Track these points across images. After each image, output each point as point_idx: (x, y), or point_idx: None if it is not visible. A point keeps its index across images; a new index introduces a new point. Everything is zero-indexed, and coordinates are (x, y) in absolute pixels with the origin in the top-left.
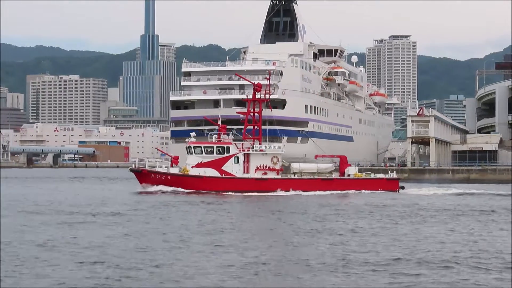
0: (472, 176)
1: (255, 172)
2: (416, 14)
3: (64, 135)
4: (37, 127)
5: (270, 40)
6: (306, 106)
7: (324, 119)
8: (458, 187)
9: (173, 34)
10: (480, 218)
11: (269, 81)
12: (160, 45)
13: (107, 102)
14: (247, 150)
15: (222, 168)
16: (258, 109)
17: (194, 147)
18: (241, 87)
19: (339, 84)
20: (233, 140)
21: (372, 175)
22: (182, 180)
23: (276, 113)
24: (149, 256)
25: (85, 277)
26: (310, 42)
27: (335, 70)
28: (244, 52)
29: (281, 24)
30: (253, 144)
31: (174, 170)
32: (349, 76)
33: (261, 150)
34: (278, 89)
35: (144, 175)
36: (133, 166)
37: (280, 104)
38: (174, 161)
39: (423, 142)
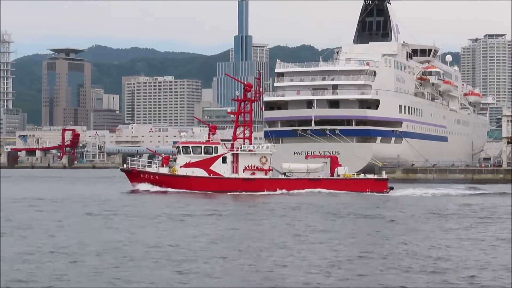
0: None
1: (244, 172)
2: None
3: (158, 136)
4: (132, 128)
5: (363, 40)
6: (400, 106)
7: (418, 119)
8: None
9: (266, 35)
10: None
11: (260, 81)
12: (253, 46)
13: (201, 103)
14: (236, 150)
15: (210, 168)
16: (248, 109)
17: (183, 147)
18: (335, 87)
19: (433, 84)
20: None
21: (361, 176)
22: (169, 180)
23: (370, 113)
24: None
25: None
26: (404, 42)
27: (429, 69)
28: (337, 52)
29: (374, 24)
30: (244, 144)
31: (164, 170)
32: (443, 75)
33: (250, 150)
34: (372, 89)
35: (134, 175)
36: (124, 166)
37: (374, 104)
38: (165, 161)
39: None
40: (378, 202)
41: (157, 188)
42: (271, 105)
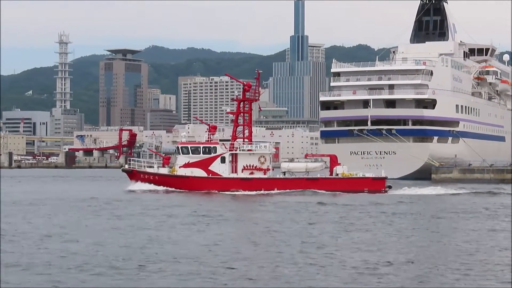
0: None
1: (242, 171)
2: None
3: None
4: (188, 128)
5: (420, 39)
6: (456, 106)
7: (475, 119)
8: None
9: (323, 35)
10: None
11: (258, 81)
12: (309, 46)
13: (257, 103)
14: (235, 150)
15: (209, 168)
16: (248, 108)
17: (182, 148)
18: (391, 87)
19: (490, 84)
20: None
21: (360, 175)
22: (168, 180)
23: (427, 113)
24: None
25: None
26: (461, 41)
27: (486, 69)
28: (393, 52)
29: (431, 23)
30: (243, 143)
31: (164, 171)
32: (501, 75)
33: (248, 150)
34: (429, 89)
35: (134, 175)
36: (125, 166)
37: (431, 104)
38: (165, 161)
39: None
40: (395, 198)
41: (153, 187)
42: (327, 105)
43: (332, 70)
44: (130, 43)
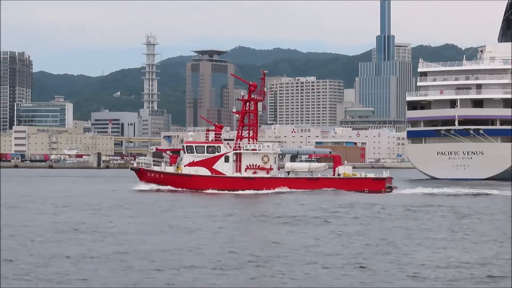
0: None
1: (246, 171)
2: None
3: (301, 136)
4: (275, 128)
5: (508, 38)
6: None
7: None
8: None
9: (409, 34)
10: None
11: (264, 81)
12: (395, 46)
13: (343, 103)
14: (238, 149)
15: (213, 167)
16: (253, 108)
17: (187, 147)
18: (478, 86)
19: None
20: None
21: (363, 175)
22: (173, 179)
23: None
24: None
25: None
26: None
27: None
28: (481, 51)
29: None
30: (249, 143)
31: (170, 169)
32: None
33: (252, 150)
34: None
35: (141, 174)
36: (134, 165)
37: None
38: (173, 160)
39: None
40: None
41: (157, 187)
42: (413, 105)
43: (419, 69)
44: (217, 44)
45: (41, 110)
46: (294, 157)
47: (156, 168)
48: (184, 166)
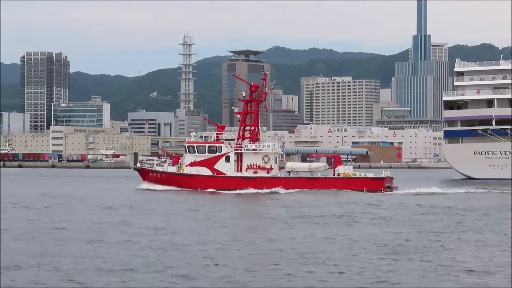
0: None
1: (246, 170)
2: None
3: (337, 136)
4: (311, 128)
5: None
6: None
7: None
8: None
9: (445, 34)
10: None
11: (265, 82)
12: (432, 45)
13: (379, 103)
14: (239, 149)
15: (214, 167)
16: (254, 109)
17: (188, 147)
18: None
19: None
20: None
21: (362, 174)
22: (174, 178)
23: None
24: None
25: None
26: None
27: None
28: None
29: None
30: (250, 143)
31: (172, 169)
32: None
33: (253, 150)
34: None
35: (144, 174)
36: (137, 165)
37: None
38: (175, 160)
39: None
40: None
41: (160, 187)
42: (450, 105)
43: (456, 69)
44: (253, 44)
45: (78, 110)
46: (330, 159)
47: (159, 168)
48: (186, 166)
